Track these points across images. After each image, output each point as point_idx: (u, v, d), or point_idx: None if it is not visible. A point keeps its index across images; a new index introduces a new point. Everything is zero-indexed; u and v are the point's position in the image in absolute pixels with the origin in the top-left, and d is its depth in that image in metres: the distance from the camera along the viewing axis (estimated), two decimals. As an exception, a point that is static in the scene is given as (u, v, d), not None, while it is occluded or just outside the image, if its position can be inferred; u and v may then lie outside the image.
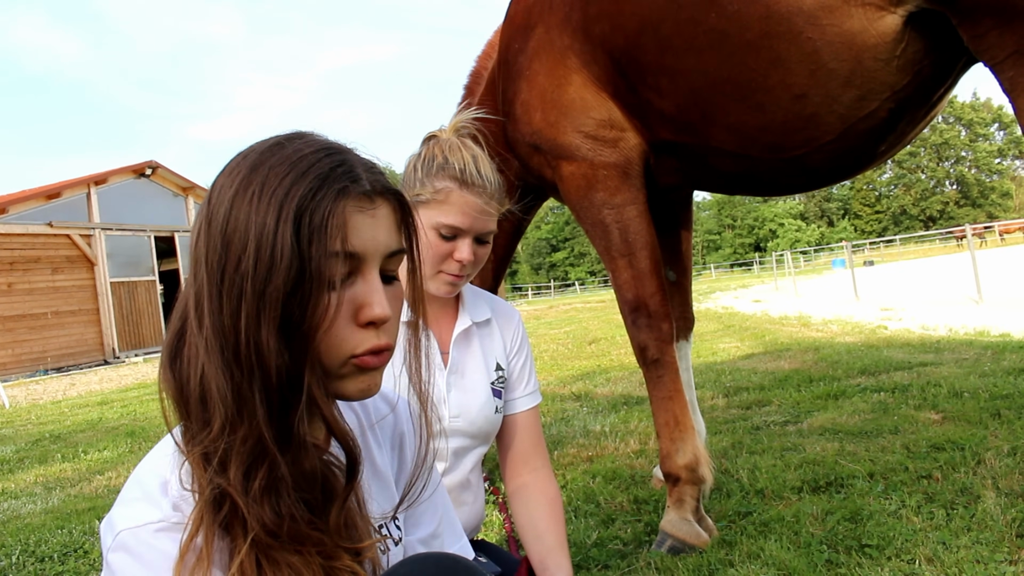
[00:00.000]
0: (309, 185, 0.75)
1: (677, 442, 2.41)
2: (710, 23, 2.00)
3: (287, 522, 0.73)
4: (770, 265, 38.44)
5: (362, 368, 0.80)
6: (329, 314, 0.75)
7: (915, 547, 2.08)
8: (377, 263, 0.81)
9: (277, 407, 0.74)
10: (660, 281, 2.44)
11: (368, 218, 0.79)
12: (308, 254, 0.73)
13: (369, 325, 0.79)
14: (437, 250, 1.56)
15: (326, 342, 0.76)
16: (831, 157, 2.13)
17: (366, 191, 0.80)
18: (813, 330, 9.08)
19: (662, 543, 2.37)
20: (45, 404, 10.96)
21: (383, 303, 0.79)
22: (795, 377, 5.37)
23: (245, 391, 0.72)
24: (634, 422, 4.54)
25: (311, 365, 0.75)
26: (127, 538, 0.73)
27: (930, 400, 4.03)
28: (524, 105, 2.55)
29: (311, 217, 0.74)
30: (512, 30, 2.65)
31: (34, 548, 3.27)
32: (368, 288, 0.79)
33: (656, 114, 2.29)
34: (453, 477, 1.67)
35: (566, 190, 2.54)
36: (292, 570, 0.73)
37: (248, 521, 0.72)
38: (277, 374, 0.73)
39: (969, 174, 71.90)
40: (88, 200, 21.52)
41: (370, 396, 0.83)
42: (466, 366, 1.69)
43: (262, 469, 0.72)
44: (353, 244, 0.77)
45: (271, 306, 0.72)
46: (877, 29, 1.81)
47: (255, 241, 0.73)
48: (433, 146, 1.61)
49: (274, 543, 0.72)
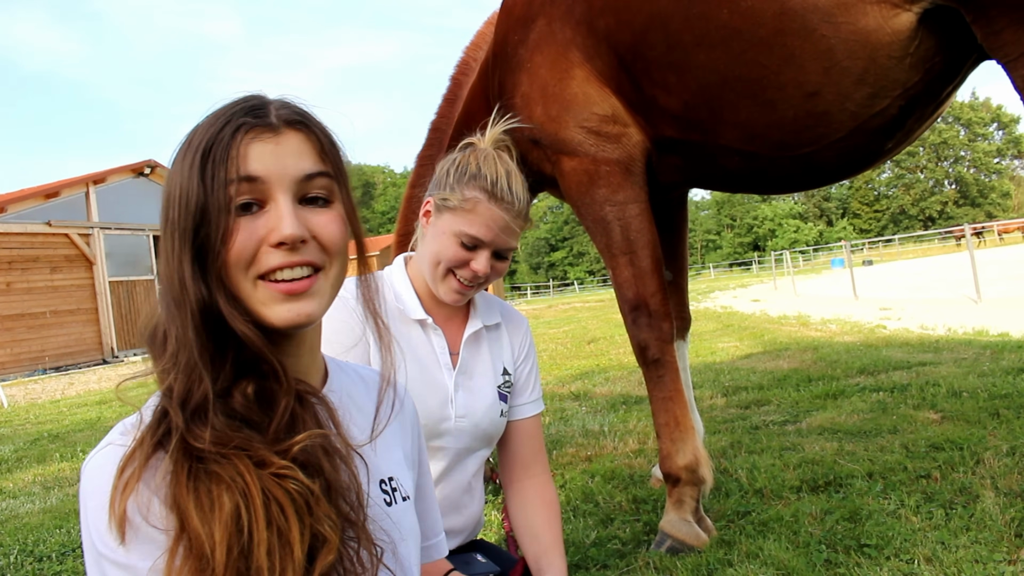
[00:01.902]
0: (215, 128, 0.85)
1: (677, 443, 2.40)
2: (722, 19, 1.98)
3: (212, 431, 0.78)
4: (769, 265, 38.43)
5: (285, 294, 0.85)
6: (230, 237, 0.82)
7: (914, 547, 2.08)
8: (287, 187, 0.86)
9: (205, 332, 0.81)
10: (661, 280, 2.43)
11: (270, 145, 0.86)
12: (211, 187, 0.82)
13: (281, 245, 0.84)
14: (455, 255, 1.56)
15: (235, 264, 0.83)
16: (840, 154, 2.12)
17: (268, 123, 0.86)
18: (812, 330, 9.08)
19: (661, 543, 2.37)
20: (43, 403, 10.94)
21: (292, 223, 0.84)
22: (794, 377, 5.37)
23: (181, 322, 0.81)
24: (633, 421, 4.54)
25: (223, 290, 0.83)
26: (84, 467, 0.82)
27: (929, 400, 4.03)
28: (524, 98, 2.52)
29: (213, 155, 0.83)
30: (511, 21, 2.62)
31: (32, 547, 3.27)
32: (278, 211, 0.85)
33: (662, 111, 2.27)
34: (456, 478, 1.67)
35: (567, 186, 2.52)
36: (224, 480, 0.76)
37: (181, 433, 0.78)
38: (198, 302, 0.81)
39: (968, 174, 71.94)
40: (87, 199, 21.47)
41: (299, 325, 0.87)
42: (475, 368, 1.69)
43: (199, 388, 0.80)
44: (252, 169, 0.84)
45: (187, 241, 0.81)
46: (892, 27, 1.80)
47: (177, 190, 0.83)
48: (469, 154, 1.61)
49: (207, 450, 0.77)
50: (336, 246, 0.89)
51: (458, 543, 1.71)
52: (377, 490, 0.98)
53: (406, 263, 1.73)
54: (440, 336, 1.66)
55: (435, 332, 1.65)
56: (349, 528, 0.84)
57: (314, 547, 0.79)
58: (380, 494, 0.99)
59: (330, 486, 0.84)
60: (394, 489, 1.02)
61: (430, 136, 3.19)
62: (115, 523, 0.75)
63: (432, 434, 1.61)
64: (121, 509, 0.75)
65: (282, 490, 0.78)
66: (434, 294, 1.64)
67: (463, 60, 3.20)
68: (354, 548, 0.84)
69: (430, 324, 1.65)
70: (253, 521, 0.75)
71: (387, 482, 1.01)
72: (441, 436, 1.62)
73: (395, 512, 0.99)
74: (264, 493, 0.77)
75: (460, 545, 1.72)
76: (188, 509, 0.74)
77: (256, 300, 0.85)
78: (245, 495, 0.76)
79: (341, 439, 0.89)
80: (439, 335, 1.66)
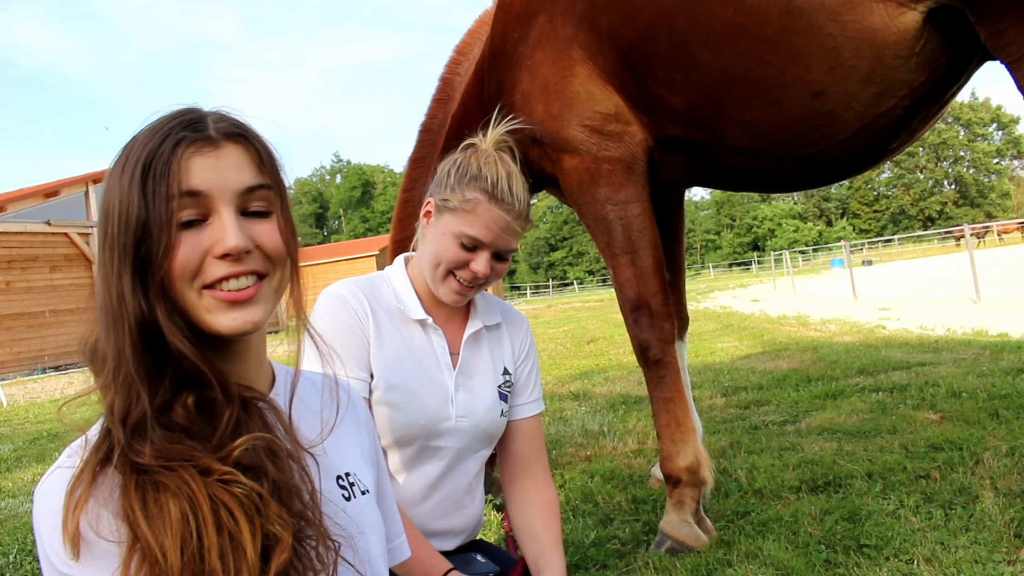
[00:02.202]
0: (154, 143, 0.85)
1: (679, 444, 2.39)
2: (728, 17, 1.97)
3: (152, 446, 0.79)
4: (768, 265, 38.42)
5: (230, 303, 0.87)
6: (173, 250, 0.84)
7: (913, 547, 2.08)
8: (229, 200, 0.87)
9: (143, 347, 0.82)
10: (662, 280, 2.42)
11: (211, 159, 0.87)
12: (152, 202, 0.83)
13: (226, 257, 0.86)
14: (455, 256, 1.56)
15: (179, 276, 0.84)
16: (844, 154, 2.11)
17: (208, 137, 0.87)
18: (811, 330, 9.08)
19: (661, 544, 2.36)
20: (43, 403, 10.94)
21: (235, 235, 0.86)
22: (793, 377, 5.37)
23: (118, 337, 0.82)
24: (632, 421, 4.54)
25: (164, 303, 0.84)
26: (36, 492, 0.83)
27: (928, 400, 4.03)
28: (525, 96, 2.49)
29: (154, 170, 0.84)
30: (509, 18, 2.58)
31: (31, 547, 3.27)
32: (221, 224, 0.86)
33: (666, 109, 2.26)
34: (456, 479, 1.67)
35: (567, 184, 2.50)
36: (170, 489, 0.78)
37: (123, 450, 0.79)
38: (137, 317, 0.82)
39: (967, 174, 71.96)
40: (86, 198, 21.46)
41: (245, 331, 0.89)
42: (475, 368, 1.69)
43: (137, 405, 0.81)
44: (194, 184, 0.85)
45: (127, 255, 0.82)
46: (898, 26, 1.80)
47: (116, 205, 0.84)
48: (470, 155, 1.61)
49: (150, 464, 0.79)
50: (279, 254, 0.91)
51: (458, 543, 1.71)
52: (334, 486, 1.00)
53: (406, 263, 1.73)
54: (440, 336, 1.66)
55: (435, 332, 1.65)
56: (304, 526, 0.86)
57: (267, 547, 0.81)
58: (337, 490, 1.00)
59: (279, 486, 0.86)
60: (352, 484, 1.03)
61: (421, 139, 3.15)
62: (68, 541, 0.77)
63: (432, 434, 1.61)
64: (73, 527, 0.77)
65: (229, 494, 0.80)
66: (434, 294, 1.64)
67: (453, 59, 3.16)
68: (310, 545, 0.86)
69: (430, 324, 1.65)
70: (203, 526, 0.77)
71: (344, 478, 1.03)
72: (441, 436, 1.62)
73: (353, 507, 1.01)
74: (211, 499, 0.79)
75: (460, 545, 1.72)
76: (137, 519, 0.77)
77: (202, 309, 0.87)
78: (192, 502, 0.78)
79: (291, 439, 0.91)
80: (439, 335, 1.66)
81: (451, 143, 2.33)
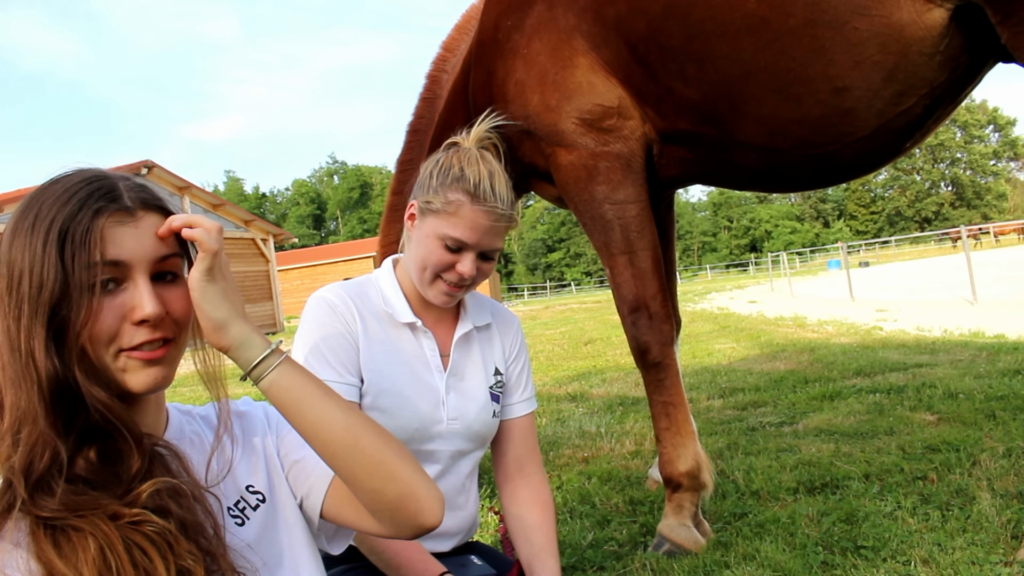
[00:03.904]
0: (71, 209, 0.88)
1: (679, 448, 2.36)
2: (749, 8, 1.91)
3: (61, 496, 0.81)
4: (766, 266, 38.48)
5: (146, 361, 0.91)
6: (93, 317, 0.86)
7: (910, 548, 2.08)
8: (146, 268, 0.92)
9: (54, 404, 0.84)
10: (661, 281, 2.37)
11: (130, 229, 0.91)
12: (71, 268, 0.85)
13: (143, 323, 0.90)
14: (440, 259, 1.54)
15: (97, 340, 0.88)
16: (859, 153, 2.06)
17: (126, 207, 0.91)
18: (808, 331, 9.09)
19: (659, 547, 2.35)
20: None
21: (152, 303, 0.90)
22: (790, 378, 5.37)
23: (27, 394, 0.84)
24: (629, 423, 4.54)
25: (82, 364, 0.86)
26: None
27: (925, 401, 4.03)
28: (519, 85, 2.40)
29: (72, 236, 0.86)
30: (503, 6, 2.49)
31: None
32: (137, 291, 0.90)
33: (677, 103, 2.18)
34: (450, 480, 1.66)
35: (562, 180, 2.42)
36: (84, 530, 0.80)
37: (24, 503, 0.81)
38: (49, 376, 0.84)
39: (964, 176, 72.19)
40: (83, 199, 21.47)
41: (157, 388, 0.93)
42: (465, 370, 1.68)
43: (41, 460, 0.82)
44: (114, 253, 0.88)
45: (41, 317, 0.84)
46: (925, 22, 1.76)
47: (28, 266, 0.85)
48: (452, 155, 1.59)
49: (55, 517, 0.81)
50: (186, 319, 0.96)
51: (453, 545, 1.70)
52: (228, 518, 1.03)
53: (394, 265, 1.72)
54: (430, 338, 1.64)
55: (425, 335, 1.64)
56: (210, 561, 0.90)
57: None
58: (231, 520, 1.04)
59: (185, 525, 0.89)
60: (242, 509, 1.06)
61: (409, 139, 3.07)
62: None
63: (424, 437, 1.60)
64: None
65: (140, 534, 0.83)
66: (423, 296, 1.63)
67: (440, 56, 3.07)
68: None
69: (420, 327, 1.63)
70: (120, 565, 0.80)
71: (234, 507, 1.06)
72: (433, 439, 1.61)
73: (248, 529, 1.04)
74: (124, 540, 0.81)
75: (456, 547, 1.71)
76: (52, 559, 0.79)
77: (116, 369, 0.90)
78: (107, 542, 0.80)
79: (191, 481, 0.95)
80: (429, 338, 1.64)
81: (438, 142, 2.26)
